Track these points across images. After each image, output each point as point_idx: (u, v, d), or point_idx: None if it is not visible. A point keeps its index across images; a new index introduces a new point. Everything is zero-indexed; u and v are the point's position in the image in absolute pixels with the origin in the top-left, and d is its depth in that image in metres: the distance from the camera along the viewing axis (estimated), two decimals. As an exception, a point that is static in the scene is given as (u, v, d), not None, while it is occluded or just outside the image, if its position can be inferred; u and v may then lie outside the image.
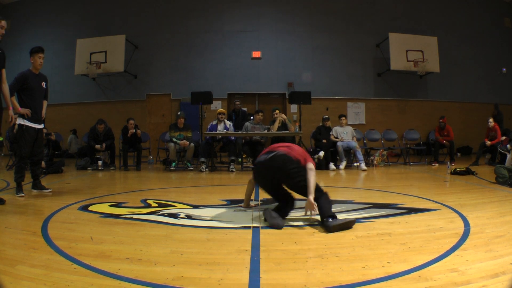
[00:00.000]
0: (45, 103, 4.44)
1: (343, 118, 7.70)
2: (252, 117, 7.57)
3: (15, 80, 4.01)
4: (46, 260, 1.89)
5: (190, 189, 5.05)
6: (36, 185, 4.32)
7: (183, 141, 6.97)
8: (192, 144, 7.07)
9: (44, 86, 4.34)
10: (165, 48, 11.44)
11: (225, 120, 7.42)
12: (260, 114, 7.27)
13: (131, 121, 7.51)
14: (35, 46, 4.21)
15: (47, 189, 4.32)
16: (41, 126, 4.32)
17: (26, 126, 4.08)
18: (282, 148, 2.92)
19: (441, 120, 8.14)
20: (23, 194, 4.00)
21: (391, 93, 11.60)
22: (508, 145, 6.96)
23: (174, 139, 7.02)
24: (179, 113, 7.41)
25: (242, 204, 3.35)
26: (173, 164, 7.01)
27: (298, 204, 3.55)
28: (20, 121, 4.08)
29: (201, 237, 2.38)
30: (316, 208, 2.64)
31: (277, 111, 7.44)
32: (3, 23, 3.46)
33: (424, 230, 2.51)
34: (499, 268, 1.75)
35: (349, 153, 7.66)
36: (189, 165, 7.11)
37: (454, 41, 11.70)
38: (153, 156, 9.19)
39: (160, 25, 11.50)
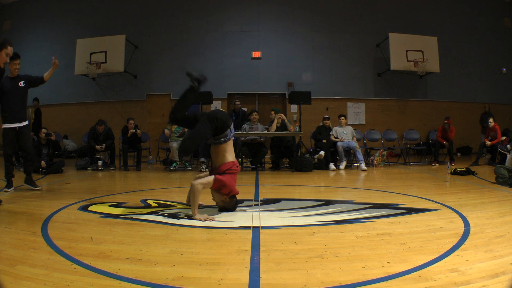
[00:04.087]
0: (45, 75, 4.53)
1: (343, 118, 7.70)
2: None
3: None
4: (46, 260, 1.89)
5: (190, 189, 5.04)
6: (27, 180, 4.48)
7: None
8: None
9: (22, 85, 4.45)
10: (165, 48, 11.44)
11: (225, 120, 7.42)
12: (254, 114, 7.25)
13: (131, 121, 7.52)
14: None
15: (36, 186, 4.45)
16: (24, 123, 4.43)
17: (5, 128, 4.32)
18: None
19: (446, 121, 8.04)
20: (7, 190, 4.17)
21: (391, 93, 11.60)
22: (508, 145, 6.96)
23: (168, 129, 7.24)
24: None
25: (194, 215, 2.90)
26: (174, 164, 7.01)
27: (293, 204, 3.56)
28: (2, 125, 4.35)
29: (201, 237, 2.38)
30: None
31: (272, 112, 7.42)
32: (10, 49, 3.48)
33: (424, 230, 2.51)
34: (499, 268, 1.75)
35: (349, 153, 7.66)
36: (188, 165, 7.09)
37: (454, 41, 11.69)
38: (153, 156, 9.19)
39: (160, 25, 11.50)
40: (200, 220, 2.79)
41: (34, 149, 5.26)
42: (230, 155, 3.10)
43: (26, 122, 4.50)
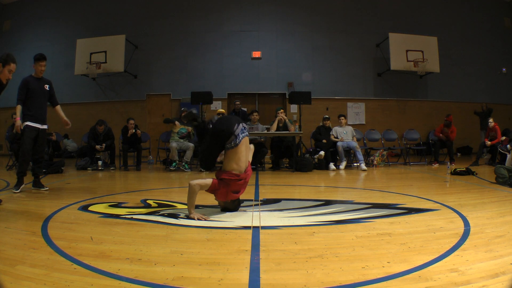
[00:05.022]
0: (57, 108, 4.67)
1: (342, 117, 7.69)
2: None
3: (19, 89, 4.23)
4: (46, 260, 1.89)
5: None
6: (36, 184, 4.49)
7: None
8: (191, 145, 7.06)
9: (47, 89, 4.52)
10: (165, 48, 11.44)
11: (225, 120, 7.40)
12: (255, 114, 7.25)
13: (131, 121, 7.52)
14: (37, 54, 4.42)
15: (45, 187, 4.47)
16: (44, 126, 4.50)
17: (28, 125, 4.29)
18: None
19: (446, 118, 8.09)
20: (18, 191, 4.13)
21: (391, 93, 11.60)
22: (508, 145, 6.96)
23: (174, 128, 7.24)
24: (182, 108, 7.52)
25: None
26: (174, 164, 6.99)
27: (293, 204, 3.56)
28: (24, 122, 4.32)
29: (201, 237, 2.38)
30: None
31: (282, 110, 7.42)
32: (13, 66, 3.47)
33: (424, 230, 2.51)
34: (499, 268, 1.75)
35: (349, 153, 7.66)
36: (187, 167, 7.01)
37: (454, 41, 11.70)
38: (153, 156, 9.19)
39: (160, 25, 11.50)
40: (194, 219, 2.81)
41: None
42: (235, 163, 3.00)
43: (46, 126, 4.54)
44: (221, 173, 3.02)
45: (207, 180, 2.93)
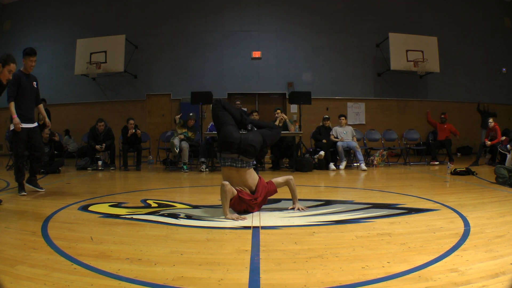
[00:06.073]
0: (40, 107, 4.50)
1: (343, 118, 7.70)
2: None
3: (10, 85, 4.00)
4: (46, 260, 1.89)
5: (190, 189, 5.05)
6: (31, 181, 4.33)
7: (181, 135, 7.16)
8: (185, 145, 6.99)
9: (35, 86, 4.34)
10: (165, 48, 11.45)
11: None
12: (255, 114, 7.25)
13: (131, 121, 7.52)
14: (27, 48, 4.22)
15: (41, 188, 4.35)
16: (34, 125, 4.33)
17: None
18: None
19: (442, 116, 8.34)
20: (25, 193, 4.07)
21: (391, 93, 11.60)
22: (508, 145, 6.96)
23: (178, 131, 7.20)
24: (191, 114, 7.51)
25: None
26: (185, 167, 6.93)
27: (292, 204, 3.55)
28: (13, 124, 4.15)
29: (201, 237, 2.38)
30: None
31: (278, 110, 7.44)
32: (12, 66, 3.42)
33: (424, 230, 2.51)
34: (499, 268, 1.75)
35: (349, 153, 7.66)
36: (185, 168, 6.98)
37: (454, 41, 11.70)
38: (153, 156, 9.19)
39: (160, 25, 11.51)
40: (233, 219, 2.79)
41: None
42: (235, 183, 3.04)
43: (36, 124, 4.38)
44: (237, 189, 3.04)
45: (235, 191, 2.97)
